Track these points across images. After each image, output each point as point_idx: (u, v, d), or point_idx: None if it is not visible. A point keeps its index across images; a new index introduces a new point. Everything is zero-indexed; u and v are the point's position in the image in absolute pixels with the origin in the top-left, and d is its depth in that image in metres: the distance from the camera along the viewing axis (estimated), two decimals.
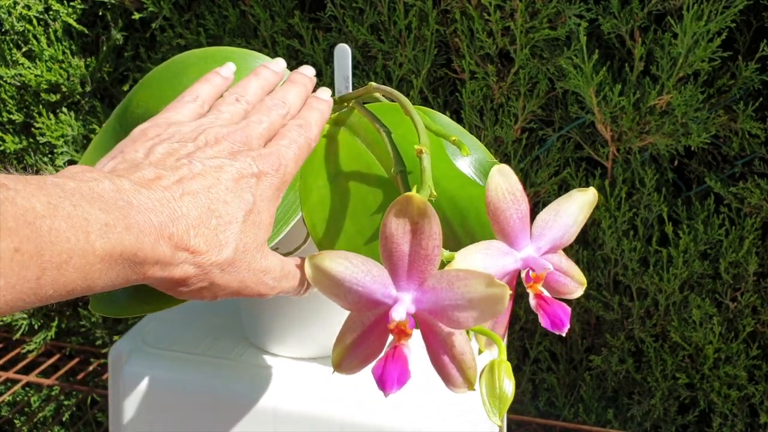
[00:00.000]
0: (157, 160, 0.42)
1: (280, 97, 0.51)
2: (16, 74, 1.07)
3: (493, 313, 0.36)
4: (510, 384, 0.38)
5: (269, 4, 0.98)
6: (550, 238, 0.42)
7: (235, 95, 0.50)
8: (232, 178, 0.42)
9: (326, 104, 0.53)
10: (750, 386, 0.95)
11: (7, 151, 1.12)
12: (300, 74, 0.55)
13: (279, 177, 0.44)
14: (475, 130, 0.95)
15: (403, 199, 0.37)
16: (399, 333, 0.37)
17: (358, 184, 0.50)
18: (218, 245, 0.40)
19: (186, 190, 0.40)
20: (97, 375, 1.22)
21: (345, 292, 0.38)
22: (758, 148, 0.90)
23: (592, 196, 0.44)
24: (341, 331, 0.41)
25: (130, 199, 0.37)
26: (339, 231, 0.48)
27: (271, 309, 0.64)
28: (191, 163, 0.42)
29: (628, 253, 0.94)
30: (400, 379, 0.37)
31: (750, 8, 0.89)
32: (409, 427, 0.58)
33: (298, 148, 0.47)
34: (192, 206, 0.40)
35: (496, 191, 0.41)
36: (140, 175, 0.40)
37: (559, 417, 1.06)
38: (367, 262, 0.38)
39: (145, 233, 0.37)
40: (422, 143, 0.44)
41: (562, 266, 0.45)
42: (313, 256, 0.38)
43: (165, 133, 0.45)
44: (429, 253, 0.37)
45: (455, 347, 0.39)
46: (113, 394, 0.66)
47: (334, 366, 0.41)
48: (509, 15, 0.89)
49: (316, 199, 0.50)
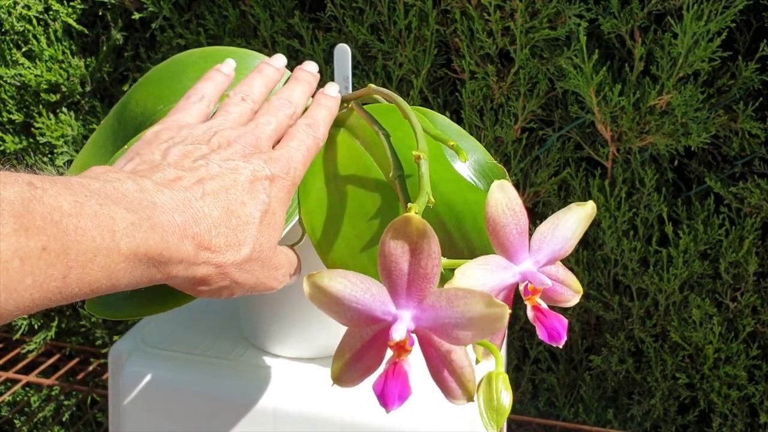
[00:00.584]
0: (175, 162, 0.43)
1: (286, 97, 0.51)
2: (16, 74, 1.07)
3: (492, 332, 0.36)
4: (508, 396, 0.39)
5: (269, 4, 0.98)
6: (548, 251, 0.43)
7: (241, 94, 0.51)
8: (247, 180, 0.43)
9: (334, 101, 0.53)
10: (750, 386, 0.95)
11: (7, 151, 1.12)
12: (303, 71, 0.55)
13: (290, 180, 0.45)
14: (475, 130, 0.95)
15: (402, 219, 0.37)
16: (399, 350, 0.38)
17: (356, 187, 0.50)
18: (237, 244, 0.41)
19: (206, 191, 0.41)
20: (97, 375, 1.22)
21: (344, 309, 0.38)
22: (758, 148, 0.90)
23: (590, 210, 0.44)
24: (340, 345, 0.41)
25: (154, 199, 0.38)
26: (337, 235, 0.48)
27: (270, 309, 0.64)
28: (208, 165, 0.42)
29: (628, 253, 0.94)
30: (401, 395, 0.37)
31: (750, 8, 0.89)
32: (409, 427, 0.58)
33: (306, 150, 0.48)
34: (213, 206, 0.40)
35: (496, 207, 0.41)
36: (161, 176, 0.41)
37: (559, 417, 1.06)
38: (366, 280, 0.38)
39: (169, 233, 0.38)
40: (420, 149, 0.44)
41: (559, 276, 0.45)
42: (311, 275, 0.39)
43: (178, 135, 0.46)
44: (428, 272, 0.38)
45: (454, 362, 0.40)
46: (113, 394, 0.66)
47: (333, 379, 0.41)
48: (509, 15, 0.89)
49: (315, 201, 0.50)
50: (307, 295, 0.39)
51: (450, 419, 0.59)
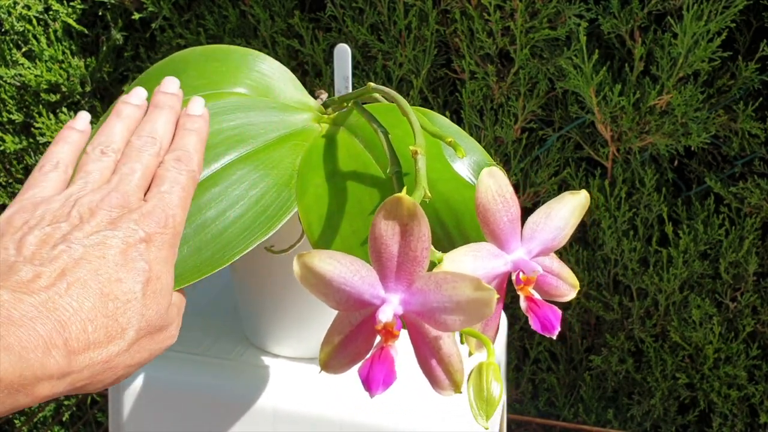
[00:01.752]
0: (32, 254, 0.38)
1: (147, 132, 0.46)
2: (16, 74, 1.07)
3: (480, 317, 0.36)
4: (498, 386, 0.38)
5: (269, 4, 0.98)
6: (540, 240, 0.42)
7: (100, 147, 0.45)
8: (119, 251, 0.38)
9: (202, 120, 0.48)
10: (750, 386, 0.95)
11: (7, 151, 1.12)
12: (164, 94, 0.49)
13: (170, 231, 0.41)
14: (475, 130, 0.95)
15: (393, 200, 0.37)
16: (386, 334, 0.37)
17: (354, 184, 0.50)
18: (121, 330, 0.37)
19: (72, 281, 0.36)
20: None
21: (333, 291, 0.38)
22: (758, 148, 0.90)
23: (584, 199, 0.43)
24: (329, 330, 0.40)
25: (10, 313, 0.34)
26: (334, 231, 0.48)
27: (271, 309, 0.64)
28: (70, 248, 0.38)
29: (628, 253, 0.94)
30: (386, 380, 0.37)
31: (750, 8, 0.89)
32: (408, 427, 0.58)
33: (181, 189, 0.43)
34: (83, 297, 0.36)
35: (486, 193, 0.41)
36: (17, 279, 0.36)
37: (559, 417, 1.06)
38: (356, 262, 0.38)
39: (29, 349, 0.33)
40: (417, 144, 0.44)
41: (554, 269, 0.45)
42: (301, 255, 0.38)
43: (33, 217, 0.40)
44: (418, 255, 0.37)
45: (442, 350, 0.39)
46: (113, 394, 0.66)
47: (321, 365, 0.41)
48: (509, 15, 0.89)
49: (312, 197, 0.50)
50: (297, 275, 0.38)
51: (450, 419, 0.59)
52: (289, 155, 0.52)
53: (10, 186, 1.16)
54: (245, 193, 0.49)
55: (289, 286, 0.62)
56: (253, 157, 0.51)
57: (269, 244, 0.57)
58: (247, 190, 0.49)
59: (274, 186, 0.50)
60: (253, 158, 0.51)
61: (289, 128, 0.55)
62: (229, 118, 0.53)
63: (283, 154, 0.52)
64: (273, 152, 0.52)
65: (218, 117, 0.52)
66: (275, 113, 0.55)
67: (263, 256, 0.59)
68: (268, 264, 0.61)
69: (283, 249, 0.57)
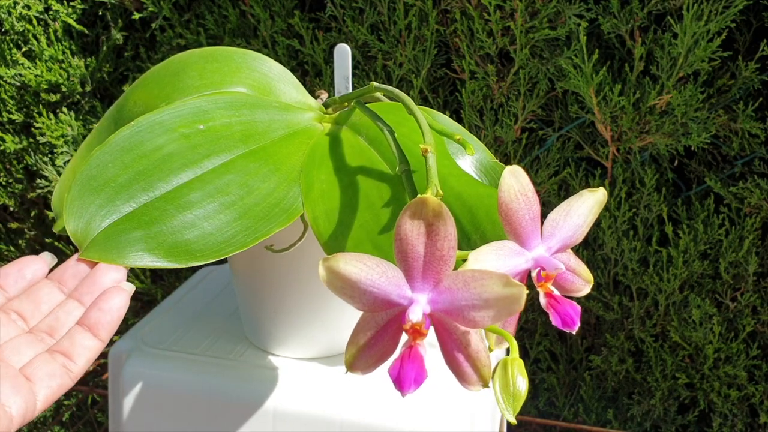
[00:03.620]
0: None
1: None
2: (16, 74, 1.07)
3: (510, 313, 0.36)
4: (523, 381, 0.39)
5: (269, 4, 0.98)
6: (560, 237, 0.43)
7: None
8: None
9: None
10: (750, 386, 0.95)
11: (7, 151, 1.12)
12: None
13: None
14: (475, 130, 0.95)
15: (418, 201, 0.37)
16: (415, 333, 0.37)
17: (361, 178, 0.50)
18: None
19: None
20: (97, 375, 1.22)
21: (360, 294, 0.38)
22: (758, 148, 0.90)
23: (602, 196, 0.44)
24: (354, 331, 0.40)
25: None
26: (341, 224, 0.48)
27: (271, 309, 0.64)
28: None
29: (628, 253, 0.94)
30: (417, 378, 0.37)
31: (750, 8, 0.89)
32: (409, 427, 0.58)
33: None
34: None
35: (508, 192, 0.41)
36: None
37: (559, 417, 1.06)
38: (382, 263, 0.38)
39: None
40: (427, 142, 0.44)
41: (571, 265, 0.45)
42: (326, 259, 0.38)
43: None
44: (444, 254, 0.37)
45: (470, 346, 0.39)
46: (113, 394, 0.66)
47: (347, 366, 0.41)
48: (509, 15, 0.89)
49: (318, 192, 0.50)
50: (323, 279, 0.38)
51: (450, 419, 0.59)
52: (295, 153, 0.53)
53: (10, 186, 1.16)
54: (259, 185, 0.50)
55: (290, 287, 0.62)
56: (261, 153, 0.52)
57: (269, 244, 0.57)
58: (259, 183, 0.50)
59: (285, 181, 0.51)
60: (261, 154, 0.52)
61: (293, 127, 0.55)
62: (237, 114, 0.53)
63: (290, 152, 0.53)
64: (280, 150, 0.53)
65: (227, 111, 0.53)
66: (278, 112, 0.56)
67: (264, 256, 0.59)
68: (268, 264, 0.61)
69: (284, 248, 0.57)
